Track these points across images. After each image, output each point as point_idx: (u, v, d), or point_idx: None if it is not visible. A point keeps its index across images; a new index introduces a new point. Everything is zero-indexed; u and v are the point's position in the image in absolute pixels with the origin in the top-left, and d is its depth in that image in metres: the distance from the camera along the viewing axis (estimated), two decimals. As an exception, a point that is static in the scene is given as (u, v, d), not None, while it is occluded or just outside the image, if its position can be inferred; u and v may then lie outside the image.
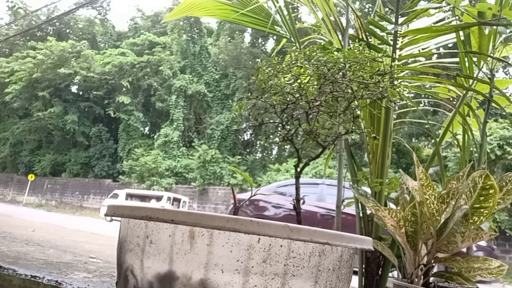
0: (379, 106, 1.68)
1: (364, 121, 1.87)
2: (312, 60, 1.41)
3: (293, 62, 1.44)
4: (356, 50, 1.44)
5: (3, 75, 26.28)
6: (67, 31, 30.72)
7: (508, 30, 1.66)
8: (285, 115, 1.44)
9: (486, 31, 1.86)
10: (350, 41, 1.95)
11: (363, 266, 1.69)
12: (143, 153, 22.54)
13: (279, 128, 1.61)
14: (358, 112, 1.71)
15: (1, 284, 1.42)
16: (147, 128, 27.18)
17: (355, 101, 1.46)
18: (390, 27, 1.80)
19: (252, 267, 0.52)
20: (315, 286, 0.56)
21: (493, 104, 1.91)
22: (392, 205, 1.79)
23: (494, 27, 1.72)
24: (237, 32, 22.76)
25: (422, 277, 1.36)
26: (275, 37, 17.92)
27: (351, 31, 2.04)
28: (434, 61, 2.09)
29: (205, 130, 23.46)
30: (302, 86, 1.40)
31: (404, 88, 1.67)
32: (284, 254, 0.53)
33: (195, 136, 24.09)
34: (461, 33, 1.86)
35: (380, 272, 1.67)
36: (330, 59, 1.38)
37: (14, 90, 25.45)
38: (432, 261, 1.34)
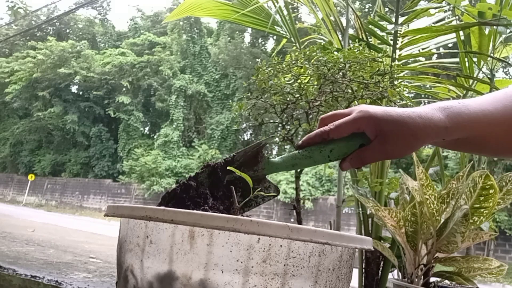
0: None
1: (364, 121, 1.86)
2: (312, 60, 1.41)
3: (293, 62, 1.44)
4: (356, 50, 1.44)
5: (3, 75, 26.27)
6: (67, 31, 30.71)
7: (508, 30, 1.66)
8: (285, 115, 1.45)
9: (486, 31, 1.86)
10: (350, 41, 1.95)
11: (363, 266, 1.69)
12: (143, 153, 22.53)
13: (279, 128, 1.61)
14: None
15: (1, 284, 1.42)
16: (147, 128, 27.17)
17: (355, 101, 1.46)
18: (390, 27, 1.80)
19: (252, 267, 0.52)
20: (315, 286, 0.56)
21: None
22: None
23: (494, 27, 1.72)
24: (237, 32, 22.76)
25: (422, 277, 1.36)
26: (275, 37, 17.92)
27: (351, 31, 2.04)
28: (434, 61, 2.09)
29: (205, 130, 23.46)
30: (302, 86, 1.40)
31: (404, 88, 1.67)
32: (284, 254, 0.53)
33: (195, 136, 24.09)
34: (461, 33, 1.86)
35: (380, 272, 1.67)
36: (330, 59, 1.38)
37: (14, 90, 25.44)
38: (432, 261, 1.34)
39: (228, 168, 0.67)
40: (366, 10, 19.09)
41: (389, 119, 0.64)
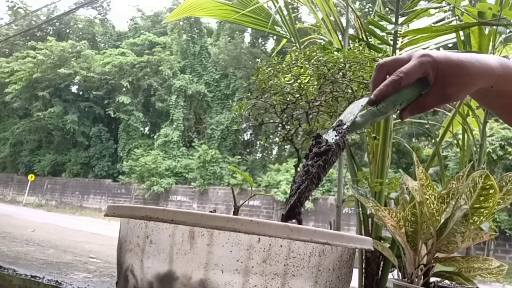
0: (379, 106, 1.68)
1: (364, 121, 1.86)
2: (312, 60, 1.41)
3: (293, 62, 1.44)
4: (356, 50, 1.44)
5: (3, 75, 26.27)
6: (67, 31, 30.72)
7: (508, 30, 1.66)
8: (285, 115, 1.45)
9: (486, 31, 1.86)
10: (350, 41, 1.95)
11: (363, 266, 1.69)
12: (143, 153, 22.53)
13: (279, 128, 1.61)
14: (358, 112, 1.71)
15: (1, 284, 1.42)
16: (147, 128, 27.18)
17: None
18: (390, 27, 1.80)
19: (252, 267, 0.52)
20: (315, 286, 0.56)
21: (493, 104, 1.90)
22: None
23: (494, 27, 1.72)
24: (237, 32, 22.76)
25: (422, 277, 1.36)
26: (275, 37, 17.92)
27: (351, 31, 2.04)
28: (434, 61, 2.09)
29: (205, 130, 23.46)
30: (302, 86, 1.40)
31: (404, 88, 1.67)
32: (284, 254, 0.53)
33: (195, 136, 24.09)
34: (461, 33, 1.86)
35: (380, 272, 1.67)
36: (330, 59, 1.38)
37: (14, 90, 25.44)
38: (432, 261, 1.34)
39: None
40: (366, 10, 19.10)
41: (450, 63, 0.66)
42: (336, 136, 0.65)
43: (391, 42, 1.82)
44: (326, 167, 0.63)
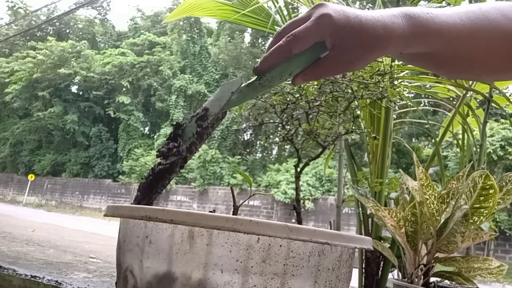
0: (379, 106, 1.68)
1: (364, 121, 1.87)
2: (312, 60, 1.41)
3: (293, 62, 1.44)
4: (356, 50, 1.43)
5: (3, 75, 26.29)
6: (67, 31, 30.74)
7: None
8: (285, 115, 1.45)
9: (486, 31, 1.85)
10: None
11: (363, 266, 1.69)
12: (143, 153, 22.54)
13: (279, 128, 1.61)
14: (358, 112, 1.71)
15: (1, 284, 1.42)
16: (147, 128, 27.18)
17: (355, 101, 1.46)
18: (390, 27, 1.80)
19: (252, 267, 0.52)
20: (315, 286, 0.55)
21: (493, 104, 1.91)
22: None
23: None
24: (237, 32, 22.77)
25: (422, 277, 1.36)
26: (275, 37, 17.91)
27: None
28: (434, 61, 2.08)
29: (205, 130, 23.44)
30: (302, 86, 1.40)
31: (404, 88, 1.67)
32: (284, 254, 0.53)
33: (195, 136, 24.07)
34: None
35: (380, 272, 1.67)
36: (330, 59, 1.37)
37: (14, 90, 25.46)
38: (432, 261, 1.34)
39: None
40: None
41: (351, 28, 0.55)
42: (194, 132, 0.61)
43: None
44: (170, 173, 0.61)
